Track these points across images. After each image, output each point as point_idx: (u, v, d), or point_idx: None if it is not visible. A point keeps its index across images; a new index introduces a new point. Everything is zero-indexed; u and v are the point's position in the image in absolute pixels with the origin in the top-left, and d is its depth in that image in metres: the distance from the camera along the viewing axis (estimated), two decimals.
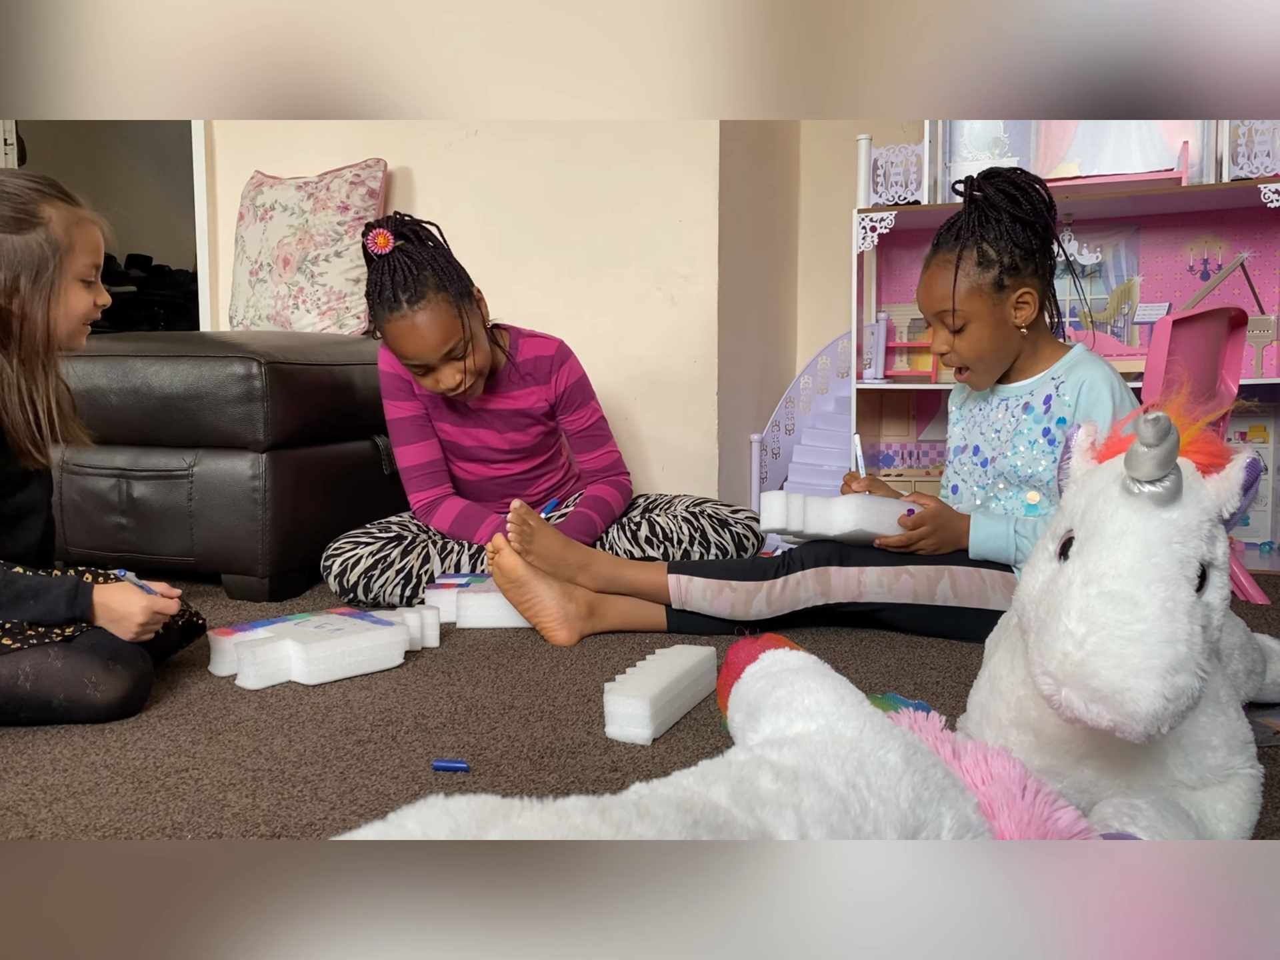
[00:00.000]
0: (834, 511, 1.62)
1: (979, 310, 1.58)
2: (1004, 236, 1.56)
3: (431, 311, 1.78)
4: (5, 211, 1.29)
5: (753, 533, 2.00)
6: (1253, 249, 2.42)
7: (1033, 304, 1.59)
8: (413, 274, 1.79)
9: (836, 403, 2.80)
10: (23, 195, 1.31)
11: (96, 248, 1.39)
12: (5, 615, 1.28)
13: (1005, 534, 1.60)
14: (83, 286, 1.36)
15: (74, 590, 1.32)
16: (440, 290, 1.80)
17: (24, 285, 1.30)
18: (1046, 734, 0.92)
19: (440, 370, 1.83)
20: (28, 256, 1.30)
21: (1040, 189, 1.57)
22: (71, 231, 1.34)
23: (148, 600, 1.36)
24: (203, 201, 2.84)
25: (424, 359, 1.81)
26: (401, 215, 1.85)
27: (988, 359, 1.62)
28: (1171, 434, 0.76)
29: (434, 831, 0.56)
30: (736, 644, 1.00)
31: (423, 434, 1.99)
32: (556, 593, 1.64)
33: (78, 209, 1.36)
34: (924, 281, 1.63)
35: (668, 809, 0.61)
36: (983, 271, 1.57)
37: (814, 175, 2.96)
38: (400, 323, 1.79)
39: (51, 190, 1.34)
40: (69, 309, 1.34)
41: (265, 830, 1.00)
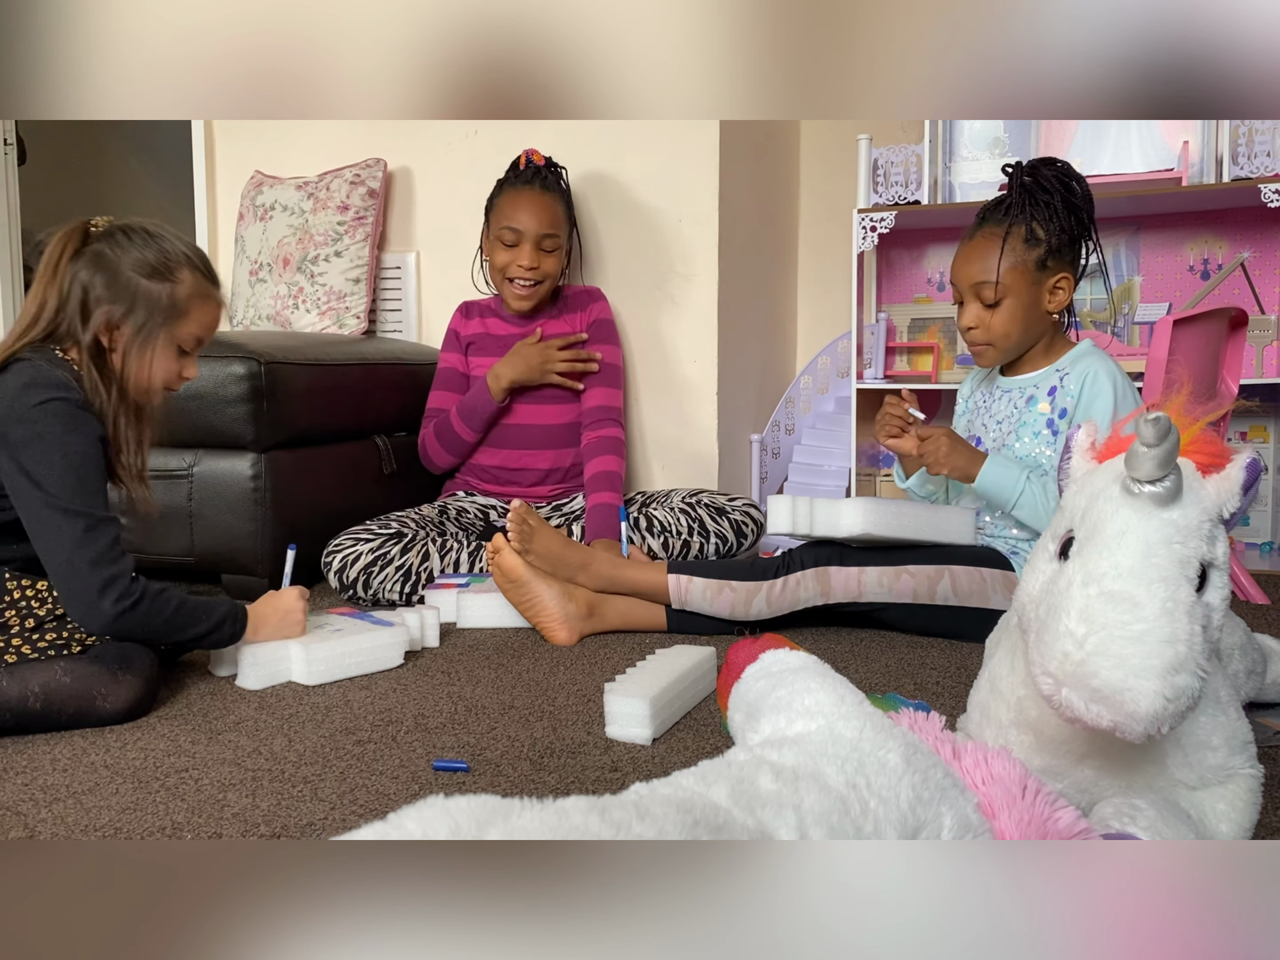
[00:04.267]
0: (841, 513, 1.62)
1: (1019, 287, 1.60)
2: (1054, 219, 1.58)
3: (551, 201, 2.12)
4: (150, 258, 1.36)
5: (751, 519, 2.01)
6: (1253, 249, 2.42)
7: (1068, 290, 1.62)
8: (551, 178, 2.15)
9: (836, 403, 2.80)
10: (172, 252, 1.38)
11: (208, 325, 1.44)
12: (179, 634, 1.35)
13: (1016, 477, 1.58)
14: (177, 352, 1.41)
15: (233, 607, 1.40)
16: (563, 201, 2.16)
17: (129, 326, 1.35)
18: (1046, 734, 0.92)
19: (525, 247, 2.08)
20: (145, 302, 1.36)
21: (1084, 185, 1.61)
22: (193, 300, 1.40)
23: (295, 590, 1.48)
24: (203, 201, 2.83)
25: (523, 225, 2.08)
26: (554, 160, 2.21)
27: (1014, 338, 1.64)
28: (1172, 434, 0.76)
29: (434, 831, 0.56)
30: (736, 644, 1.00)
31: (453, 385, 2.22)
32: (556, 593, 1.64)
33: (209, 286, 1.43)
34: (965, 253, 1.65)
35: (668, 809, 0.61)
36: (1029, 249, 1.60)
37: (814, 175, 2.96)
38: (525, 191, 2.12)
39: (198, 261, 1.42)
40: (154, 366, 1.38)
41: (265, 830, 1.00)
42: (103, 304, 1.34)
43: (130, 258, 1.35)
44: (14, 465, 1.26)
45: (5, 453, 1.27)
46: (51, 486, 1.26)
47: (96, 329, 1.34)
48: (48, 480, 1.26)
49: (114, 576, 1.27)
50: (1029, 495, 1.58)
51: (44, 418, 1.27)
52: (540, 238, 2.08)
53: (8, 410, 1.27)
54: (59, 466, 1.26)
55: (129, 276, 1.35)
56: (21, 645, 1.29)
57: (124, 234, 1.37)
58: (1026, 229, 1.59)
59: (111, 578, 1.27)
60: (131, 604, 1.27)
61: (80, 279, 1.34)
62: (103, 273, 1.34)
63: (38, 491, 1.26)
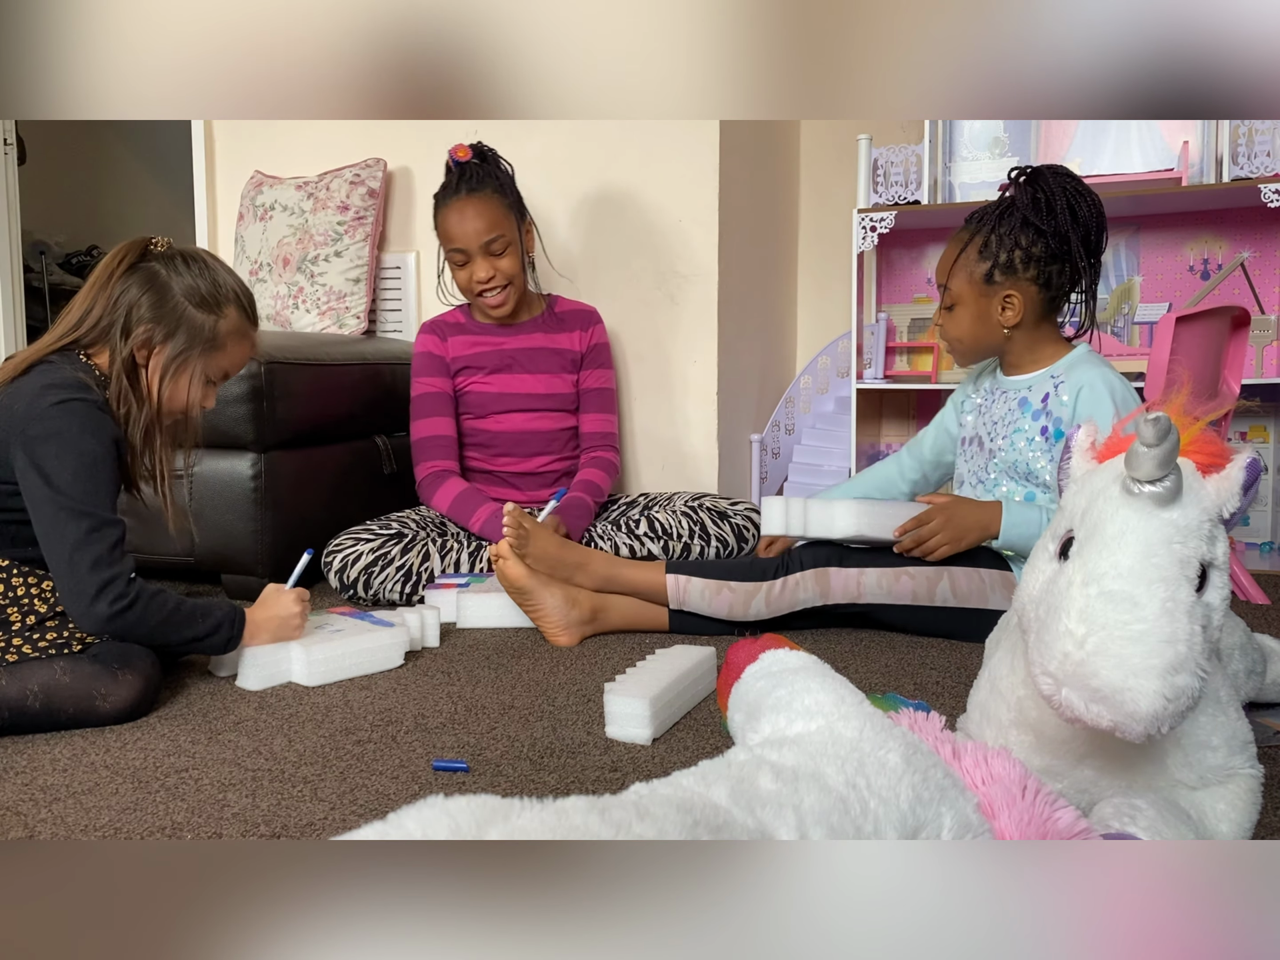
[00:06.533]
0: (835, 515, 1.62)
1: (965, 296, 1.63)
2: (1010, 235, 1.57)
3: (483, 202, 1.99)
4: (202, 288, 1.40)
5: (752, 523, 2.01)
6: (1253, 249, 2.42)
7: (1018, 308, 1.59)
8: (478, 175, 2.01)
9: (836, 403, 2.80)
10: (223, 286, 1.42)
11: (238, 363, 1.49)
12: (174, 637, 1.35)
13: (1037, 520, 1.56)
14: (203, 382, 1.43)
15: (231, 612, 1.39)
16: (497, 192, 2.01)
17: (167, 349, 1.38)
18: (1046, 734, 0.92)
19: (477, 261, 2.00)
20: (187, 329, 1.39)
21: (1078, 202, 1.55)
22: (231, 336, 1.44)
23: (294, 592, 1.47)
24: (203, 201, 2.83)
25: (465, 243, 1.98)
26: (484, 144, 2.07)
27: (966, 343, 1.66)
28: (1172, 434, 0.76)
29: (434, 831, 0.56)
30: (736, 644, 0.99)
31: (442, 410, 2.09)
32: (560, 601, 1.64)
33: (249, 325, 1.47)
34: (944, 252, 1.67)
35: (668, 809, 0.61)
36: (978, 261, 1.60)
37: (814, 175, 2.96)
38: (454, 205, 1.99)
39: (245, 300, 1.46)
40: (180, 391, 1.41)
41: (265, 830, 1.00)
42: (146, 322, 1.37)
43: (183, 283, 1.38)
44: (28, 462, 1.28)
45: (22, 450, 1.28)
46: (63, 486, 1.27)
47: (135, 345, 1.37)
48: (60, 479, 1.27)
49: (111, 579, 1.27)
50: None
51: (62, 417, 1.28)
52: (486, 245, 1.98)
53: (27, 409, 1.29)
54: (72, 466, 1.27)
55: (178, 301, 1.38)
56: (22, 645, 1.30)
57: (182, 259, 1.40)
58: (984, 240, 1.59)
59: (109, 580, 1.27)
60: (126, 606, 1.28)
61: (130, 293, 1.37)
62: (153, 292, 1.37)
63: (48, 490, 1.27)
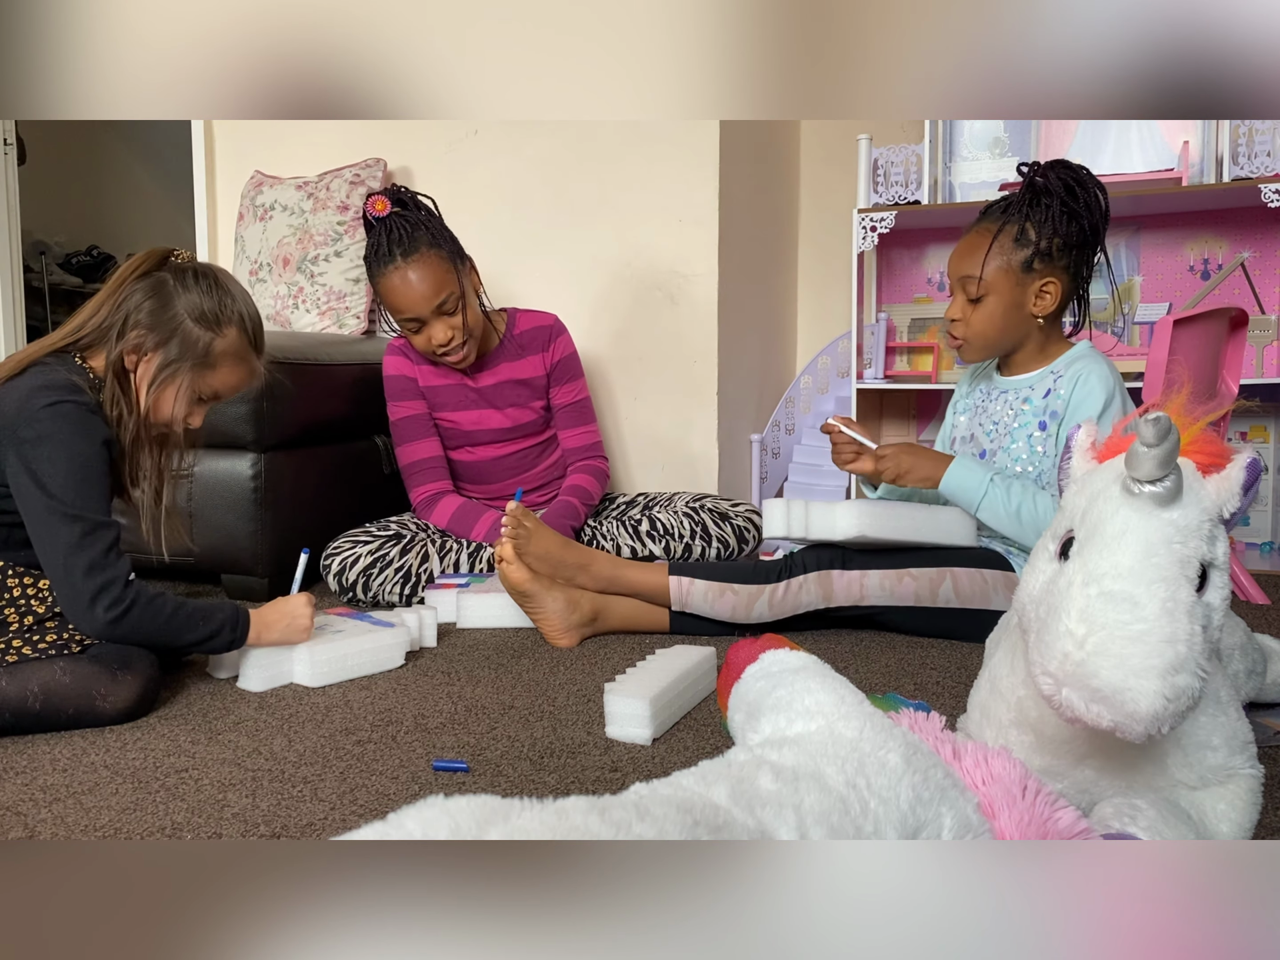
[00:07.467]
0: (837, 517, 1.62)
1: (1001, 286, 1.60)
2: (1049, 222, 1.57)
3: (424, 264, 1.87)
4: (206, 306, 1.39)
5: (753, 525, 2.01)
6: (1253, 249, 2.42)
7: (1054, 296, 1.59)
8: (407, 232, 1.88)
9: (836, 403, 2.80)
10: (229, 308, 1.40)
11: (232, 386, 1.46)
12: (175, 640, 1.34)
13: (980, 480, 1.58)
14: (190, 398, 1.41)
15: (234, 613, 1.38)
16: (433, 247, 1.89)
17: (157, 359, 1.37)
18: (1047, 734, 0.92)
19: (433, 325, 1.91)
20: (181, 341, 1.38)
21: (1100, 193, 1.58)
22: (226, 357, 1.42)
23: (304, 595, 1.46)
24: (202, 201, 2.83)
25: (417, 311, 1.89)
26: (399, 186, 1.96)
27: (992, 336, 1.63)
28: (1172, 434, 0.76)
29: (434, 831, 0.56)
30: (736, 644, 0.99)
31: (425, 432, 2.05)
32: (562, 605, 1.64)
33: (249, 350, 1.45)
34: (959, 245, 1.65)
35: (668, 809, 0.61)
36: (1016, 249, 1.59)
37: (814, 175, 2.96)
38: (394, 274, 1.88)
39: (250, 325, 1.44)
40: (165, 402, 1.40)
41: (265, 830, 1.00)
42: (140, 328, 1.36)
43: (188, 298, 1.38)
44: (20, 465, 1.27)
45: (14, 452, 1.28)
46: (55, 489, 1.26)
47: (125, 349, 1.36)
48: (52, 483, 1.26)
49: (108, 582, 1.27)
50: (991, 498, 1.57)
51: (53, 419, 1.27)
52: (438, 308, 1.89)
53: (18, 410, 1.28)
54: (64, 469, 1.27)
55: (176, 312, 1.37)
56: (22, 646, 1.29)
57: (194, 274, 1.40)
58: (1019, 229, 1.58)
59: (105, 584, 1.26)
60: (123, 611, 1.27)
61: (134, 299, 1.37)
62: (155, 300, 1.37)
63: (41, 494, 1.26)
